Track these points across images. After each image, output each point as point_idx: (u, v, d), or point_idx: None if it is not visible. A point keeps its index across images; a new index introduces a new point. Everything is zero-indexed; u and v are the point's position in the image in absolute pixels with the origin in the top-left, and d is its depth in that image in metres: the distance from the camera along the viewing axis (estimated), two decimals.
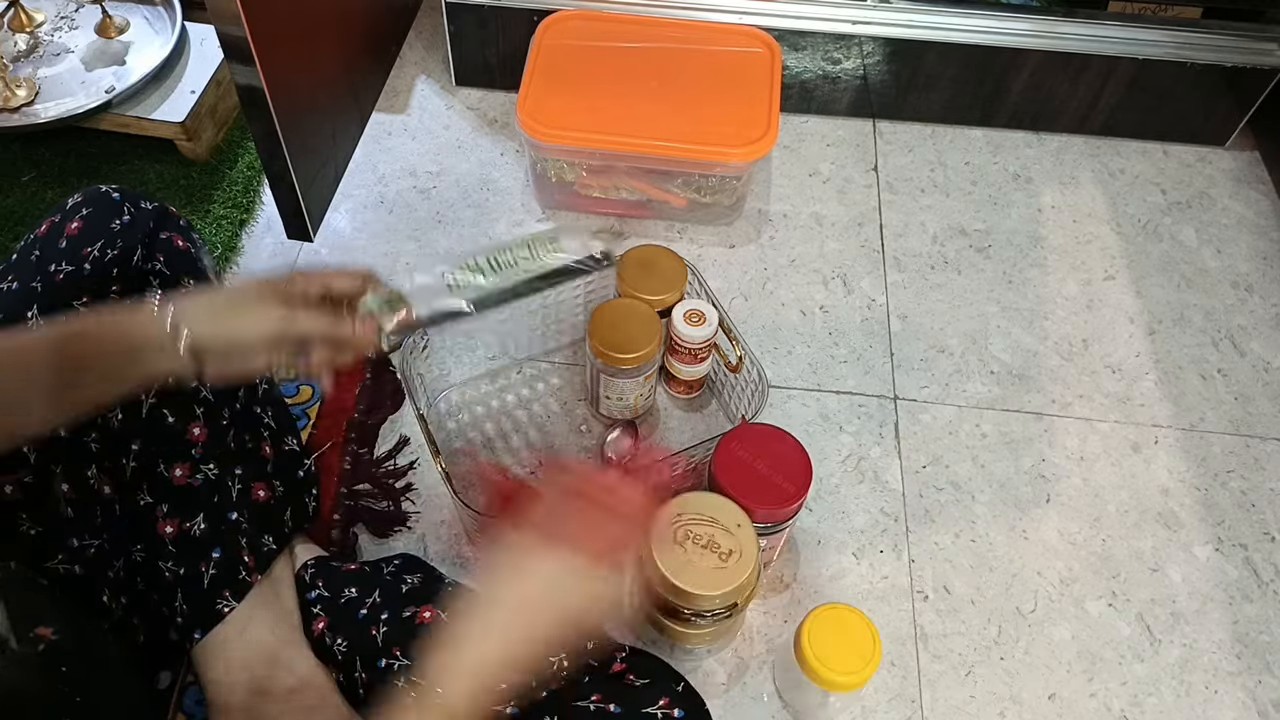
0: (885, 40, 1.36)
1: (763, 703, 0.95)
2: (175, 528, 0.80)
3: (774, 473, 0.90)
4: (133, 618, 0.80)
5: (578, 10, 1.34)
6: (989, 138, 1.46)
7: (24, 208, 1.29)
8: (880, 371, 1.19)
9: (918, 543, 1.06)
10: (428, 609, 0.81)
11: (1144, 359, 1.23)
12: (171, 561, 0.81)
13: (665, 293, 1.05)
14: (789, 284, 1.27)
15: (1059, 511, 1.09)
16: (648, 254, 1.08)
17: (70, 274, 0.75)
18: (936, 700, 0.96)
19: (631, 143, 1.20)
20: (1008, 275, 1.30)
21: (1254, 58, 1.35)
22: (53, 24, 1.39)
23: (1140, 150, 1.46)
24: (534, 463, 1.09)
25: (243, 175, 1.35)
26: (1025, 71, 1.38)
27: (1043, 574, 1.05)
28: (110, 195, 0.79)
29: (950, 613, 1.02)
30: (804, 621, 0.86)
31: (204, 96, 1.33)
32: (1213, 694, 0.98)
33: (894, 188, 1.39)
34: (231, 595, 0.82)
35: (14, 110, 1.28)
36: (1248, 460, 1.15)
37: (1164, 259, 1.33)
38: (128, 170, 1.35)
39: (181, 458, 0.80)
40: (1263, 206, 1.40)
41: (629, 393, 1.06)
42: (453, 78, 1.46)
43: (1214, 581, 1.05)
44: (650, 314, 1.04)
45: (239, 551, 0.83)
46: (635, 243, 1.18)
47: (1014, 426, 1.16)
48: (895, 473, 1.11)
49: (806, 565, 1.04)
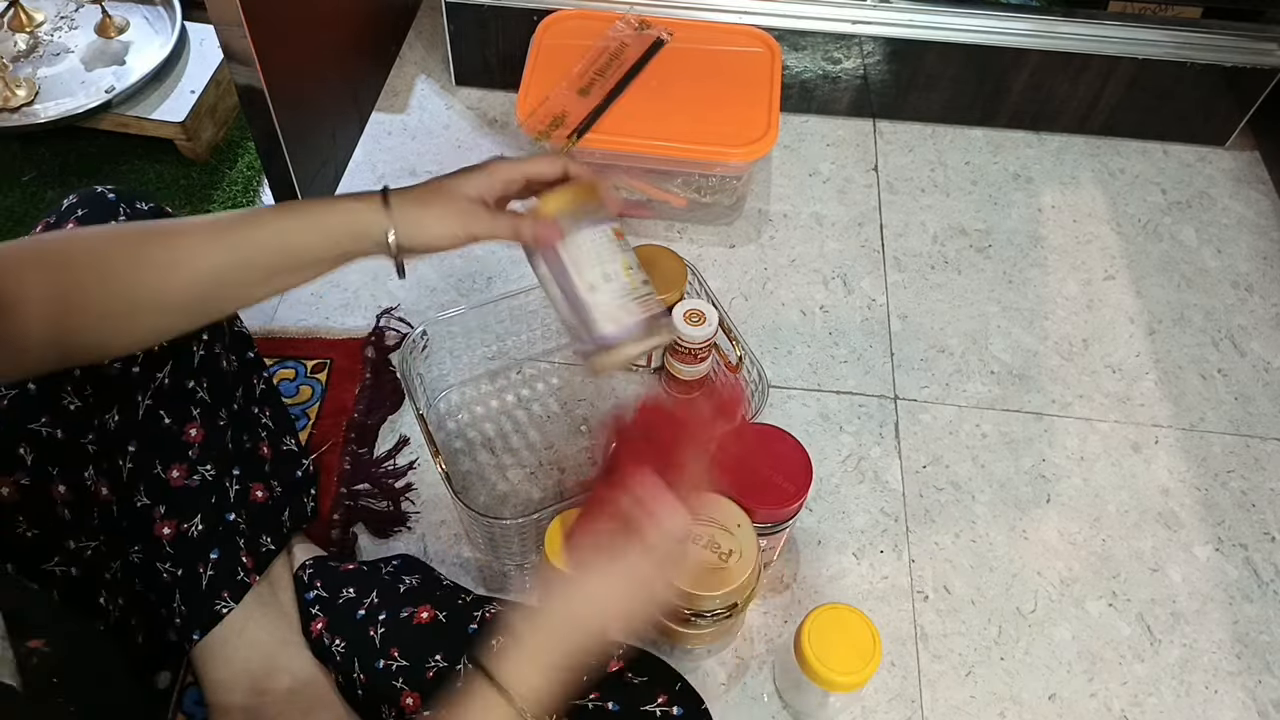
0: (885, 40, 1.36)
1: (763, 703, 0.95)
2: (173, 529, 0.80)
3: (774, 473, 0.90)
4: (131, 619, 0.79)
5: (578, 10, 1.34)
6: (989, 138, 1.46)
7: (24, 208, 1.29)
8: (880, 371, 1.19)
9: (918, 543, 1.06)
10: (425, 609, 0.81)
11: (1144, 359, 1.22)
12: (169, 563, 0.81)
13: (665, 293, 1.05)
14: (789, 284, 1.27)
15: (1059, 511, 1.09)
16: (648, 254, 1.08)
17: None
18: (936, 700, 0.96)
19: (631, 143, 1.20)
20: (1008, 275, 1.30)
21: (1254, 58, 1.35)
22: (53, 24, 1.39)
23: (1140, 150, 1.45)
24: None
25: (243, 175, 1.35)
26: (1025, 71, 1.38)
27: (1043, 574, 1.05)
28: (106, 196, 0.79)
29: (950, 613, 1.01)
30: (804, 621, 0.86)
31: (204, 96, 1.33)
32: (1213, 694, 0.98)
33: (894, 187, 1.38)
34: (230, 596, 0.82)
35: (14, 110, 1.28)
36: (1248, 460, 1.14)
37: (1164, 259, 1.33)
38: (128, 170, 1.35)
39: (179, 459, 0.80)
40: (1263, 206, 1.40)
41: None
42: (453, 78, 1.46)
43: (1214, 581, 1.05)
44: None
45: (237, 552, 0.83)
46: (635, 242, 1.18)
47: (1014, 426, 1.16)
48: (895, 473, 1.11)
49: (806, 565, 1.03)
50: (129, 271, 0.63)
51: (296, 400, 1.11)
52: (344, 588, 0.86)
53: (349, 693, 0.82)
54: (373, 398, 1.12)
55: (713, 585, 0.82)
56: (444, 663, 0.78)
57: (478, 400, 1.14)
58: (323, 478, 1.02)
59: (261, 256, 0.67)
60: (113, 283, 0.63)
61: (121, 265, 0.63)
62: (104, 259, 0.63)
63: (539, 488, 1.07)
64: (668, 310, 0.74)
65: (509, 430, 1.12)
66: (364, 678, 0.81)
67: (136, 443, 0.78)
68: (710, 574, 0.83)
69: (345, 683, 0.82)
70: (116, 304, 0.63)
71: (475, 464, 1.09)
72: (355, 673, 0.81)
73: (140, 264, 0.63)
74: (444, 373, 1.13)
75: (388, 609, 0.82)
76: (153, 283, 0.64)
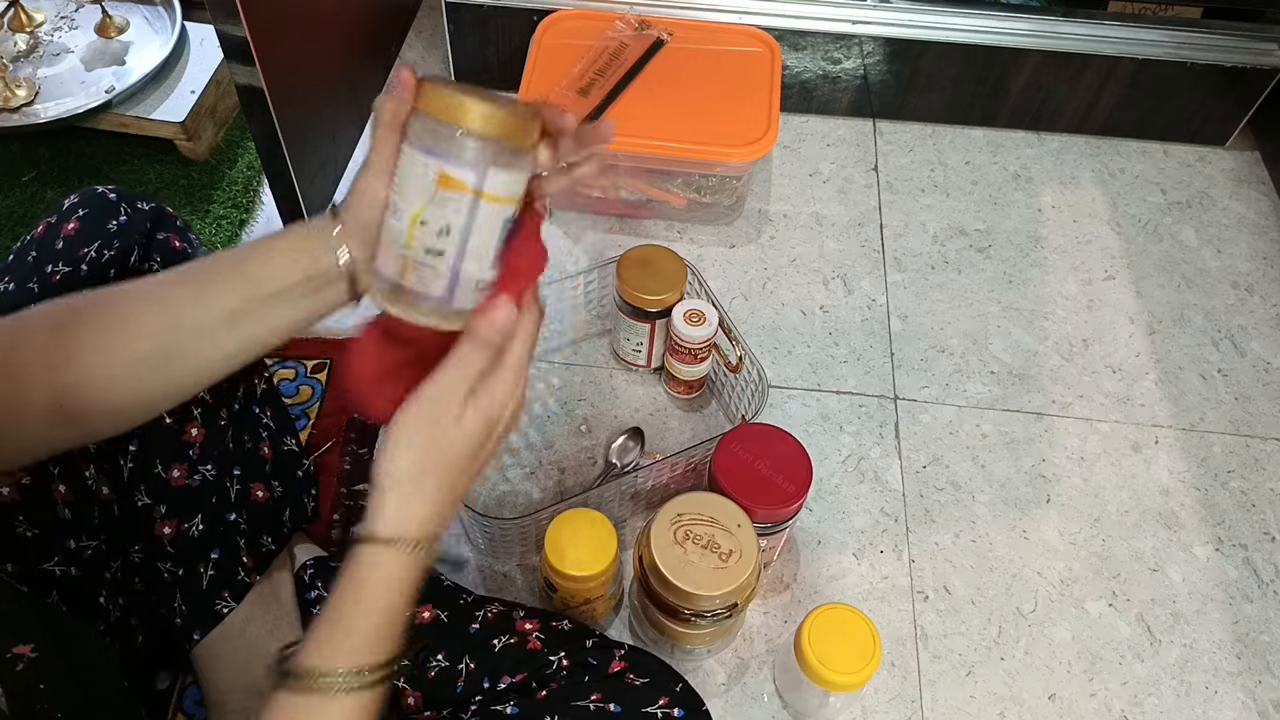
0: (885, 40, 1.36)
1: (763, 703, 0.95)
2: (173, 529, 0.80)
3: (774, 473, 0.90)
4: (131, 619, 0.79)
5: (578, 10, 1.34)
6: (989, 138, 1.46)
7: (24, 208, 1.29)
8: (880, 371, 1.19)
9: (918, 543, 1.06)
10: (426, 609, 0.81)
11: (1144, 359, 1.22)
12: (170, 562, 0.80)
13: (665, 292, 1.05)
14: (789, 284, 1.27)
15: (1059, 511, 1.09)
16: (647, 254, 1.08)
17: (67, 275, 0.75)
18: (936, 700, 0.96)
19: (631, 143, 1.20)
20: (1008, 275, 1.30)
21: (1254, 58, 1.35)
22: (53, 24, 1.39)
23: (1140, 150, 1.46)
24: (534, 462, 1.09)
25: (243, 175, 1.35)
26: (1025, 71, 1.38)
27: (1043, 574, 1.05)
28: (107, 196, 0.79)
29: (950, 613, 1.01)
30: (804, 621, 0.86)
31: (204, 96, 1.33)
32: (1213, 694, 0.98)
33: (894, 188, 1.38)
34: (230, 596, 0.82)
35: (14, 110, 1.28)
36: (1248, 460, 1.14)
37: (1164, 259, 1.33)
38: (128, 170, 1.35)
39: (179, 458, 0.80)
40: (1263, 206, 1.40)
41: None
42: (453, 78, 1.46)
43: (1214, 581, 1.05)
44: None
45: (238, 552, 0.83)
46: (635, 242, 1.18)
47: (1014, 426, 1.16)
48: (895, 473, 1.11)
49: (806, 565, 1.03)
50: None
51: (297, 400, 1.11)
52: None
53: None
54: None
55: (713, 585, 0.82)
56: (445, 662, 0.78)
57: None
58: (323, 478, 1.02)
59: (217, 291, 0.60)
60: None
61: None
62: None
63: (539, 488, 1.07)
64: (445, 298, 0.56)
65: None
66: None
67: (137, 442, 0.78)
68: (710, 574, 0.83)
69: None
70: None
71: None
72: None
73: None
74: None
75: None
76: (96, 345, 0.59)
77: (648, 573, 0.86)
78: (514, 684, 0.76)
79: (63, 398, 0.58)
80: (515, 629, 0.79)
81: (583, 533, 0.88)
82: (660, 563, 0.83)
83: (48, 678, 0.53)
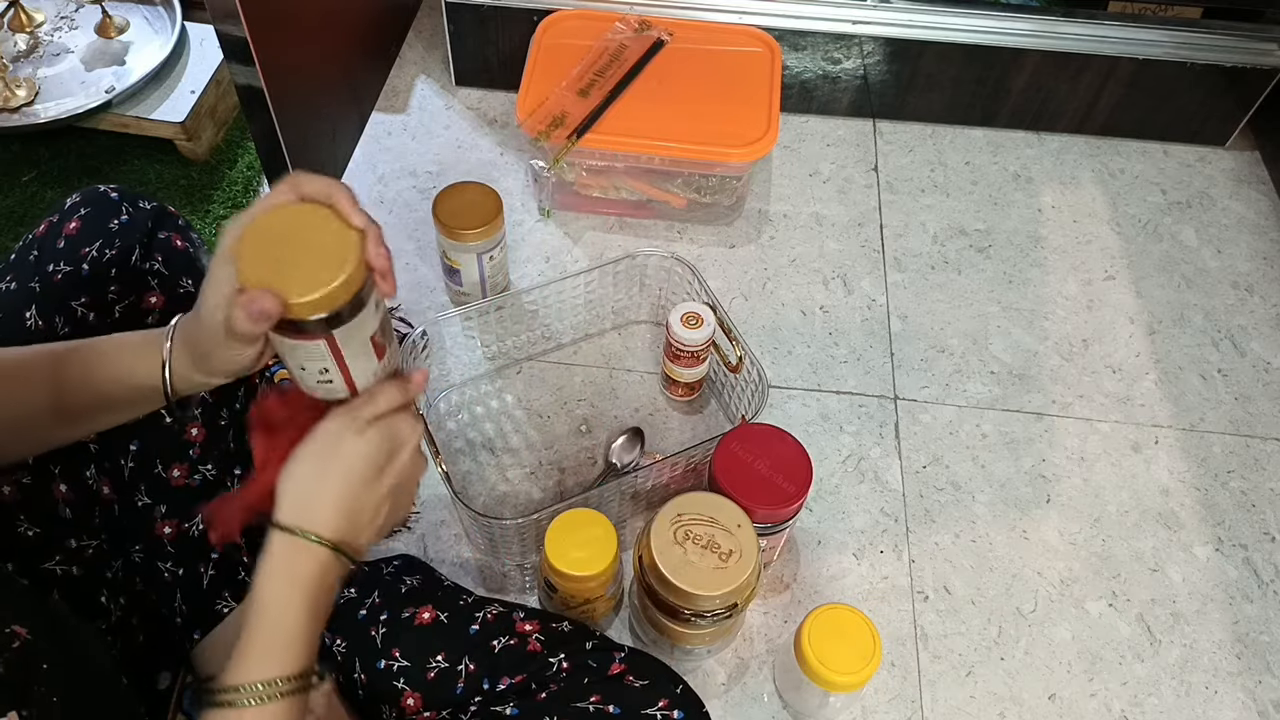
0: (885, 40, 1.36)
1: (763, 703, 0.95)
2: (174, 528, 0.80)
3: (774, 473, 0.90)
4: (131, 618, 0.79)
5: (578, 10, 1.34)
6: (989, 138, 1.46)
7: (24, 208, 1.29)
8: (880, 371, 1.19)
9: (918, 543, 1.06)
10: (427, 609, 0.81)
11: (1144, 359, 1.22)
12: (170, 562, 0.81)
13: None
14: (789, 284, 1.27)
15: (1059, 511, 1.09)
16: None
17: (68, 274, 0.75)
18: (936, 700, 0.96)
19: (631, 143, 1.20)
20: (1008, 275, 1.30)
21: (1254, 58, 1.35)
22: (53, 24, 1.39)
23: (1140, 150, 1.46)
24: (534, 462, 1.09)
25: (243, 175, 1.35)
26: (1025, 71, 1.38)
27: (1043, 574, 1.05)
28: (108, 195, 0.79)
29: (950, 613, 1.02)
30: (804, 622, 0.86)
31: (204, 96, 1.33)
32: (1213, 694, 0.98)
33: (894, 188, 1.39)
34: (231, 595, 0.82)
35: (14, 110, 1.29)
36: (1248, 460, 1.14)
37: (1164, 259, 1.33)
38: (128, 170, 1.35)
39: (180, 458, 0.80)
40: (1263, 206, 1.40)
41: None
42: (453, 78, 1.46)
43: (1214, 581, 1.05)
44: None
45: (238, 552, 0.83)
46: (636, 243, 1.18)
47: (1014, 426, 1.16)
48: (895, 473, 1.11)
49: (806, 565, 1.04)
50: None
51: None
52: (345, 588, 0.86)
53: (349, 693, 0.82)
54: None
55: (713, 585, 0.82)
56: (445, 663, 0.78)
57: (478, 400, 1.14)
58: None
59: (30, 391, 0.64)
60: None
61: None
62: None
63: (539, 488, 1.07)
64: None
65: (509, 430, 1.12)
66: (364, 678, 0.80)
67: (138, 442, 0.78)
68: (710, 574, 0.83)
69: (346, 683, 0.82)
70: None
71: (475, 464, 1.09)
72: (356, 672, 0.81)
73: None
74: (444, 373, 1.13)
75: (389, 609, 0.82)
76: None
77: (648, 573, 0.86)
78: (514, 685, 0.76)
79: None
80: (515, 630, 0.79)
81: (583, 533, 0.88)
82: (660, 563, 0.83)
83: (48, 661, 0.53)
